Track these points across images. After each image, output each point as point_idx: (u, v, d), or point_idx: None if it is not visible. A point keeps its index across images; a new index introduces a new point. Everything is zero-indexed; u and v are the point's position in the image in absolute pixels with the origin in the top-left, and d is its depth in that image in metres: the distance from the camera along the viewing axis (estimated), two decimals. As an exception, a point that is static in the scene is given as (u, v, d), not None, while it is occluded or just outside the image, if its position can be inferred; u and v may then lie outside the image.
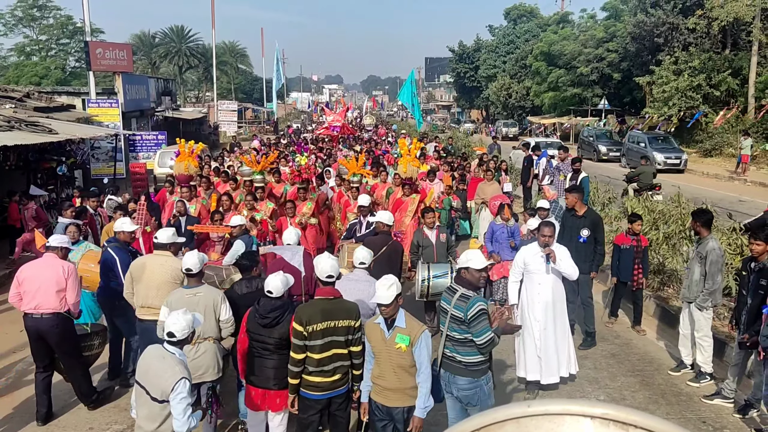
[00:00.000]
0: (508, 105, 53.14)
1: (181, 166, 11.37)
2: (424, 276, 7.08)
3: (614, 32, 39.14)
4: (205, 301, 5.16)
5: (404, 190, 10.91)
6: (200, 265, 5.31)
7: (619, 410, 1.24)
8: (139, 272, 5.96)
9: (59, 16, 54.30)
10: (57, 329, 5.90)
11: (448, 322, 4.73)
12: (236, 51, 79.48)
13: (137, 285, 5.95)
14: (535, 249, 6.27)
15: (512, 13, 61.22)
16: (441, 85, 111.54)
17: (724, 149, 27.92)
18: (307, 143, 23.74)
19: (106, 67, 22.15)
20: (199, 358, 5.13)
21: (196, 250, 5.96)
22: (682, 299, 7.02)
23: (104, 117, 20.53)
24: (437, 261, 7.73)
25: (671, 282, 8.95)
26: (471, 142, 28.02)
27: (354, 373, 4.77)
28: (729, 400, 6.16)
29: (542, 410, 1.29)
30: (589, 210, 8.09)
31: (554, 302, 6.30)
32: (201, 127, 38.33)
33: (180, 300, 5.09)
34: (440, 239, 8.05)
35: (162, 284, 5.82)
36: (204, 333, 5.13)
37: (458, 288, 4.76)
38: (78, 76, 52.45)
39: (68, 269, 5.98)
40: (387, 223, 7.39)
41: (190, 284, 5.30)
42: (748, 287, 6.01)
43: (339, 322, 4.58)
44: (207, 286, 5.36)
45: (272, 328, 4.80)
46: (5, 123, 13.29)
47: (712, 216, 7.17)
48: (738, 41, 31.39)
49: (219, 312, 5.21)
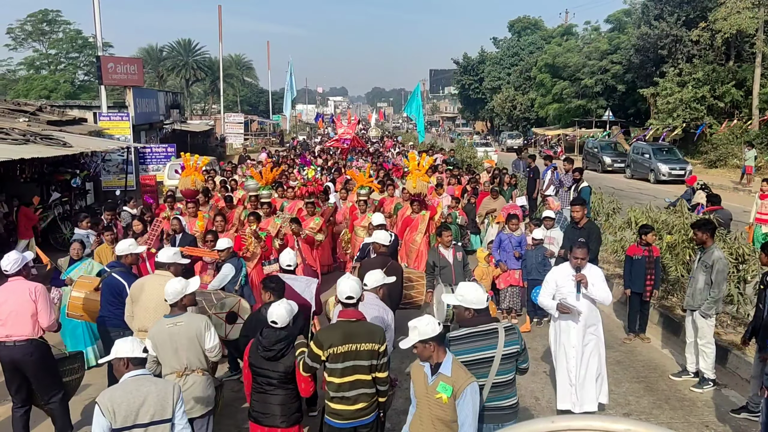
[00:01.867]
0: (513, 117, 53.46)
1: (187, 181, 11.01)
2: (450, 302, 6.60)
3: (618, 44, 39.44)
4: (188, 331, 4.79)
5: (413, 207, 10.66)
6: (177, 297, 4.88)
7: (642, 426, 1.25)
8: (138, 293, 5.65)
9: (69, 31, 55.06)
10: (32, 357, 5.42)
11: (497, 366, 4.18)
12: (242, 64, 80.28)
13: (135, 306, 5.63)
14: (566, 270, 5.95)
15: (516, 26, 61.70)
16: (446, 97, 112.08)
17: (729, 160, 28.06)
18: (315, 156, 23.89)
19: (118, 81, 22.52)
20: (186, 392, 4.71)
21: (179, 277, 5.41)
22: (686, 307, 7.13)
23: (115, 130, 20.85)
24: (456, 281, 7.20)
25: (675, 291, 9.11)
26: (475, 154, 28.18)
27: (380, 401, 4.49)
28: (755, 415, 6.04)
29: (565, 426, 1.29)
30: (588, 222, 8.30)
31: (589, 326, 5.94)
32: (208, 140, 38.70)
33: (160, 332, 4.80)
34: (458, 258, 7.70)
35: (159, 306, 5.40)
36: (190, 365, 4.82)
37: (490, 326, 4.24)
38: (87, 89, 53.09)
39: (35, 290, 5.51)
40: (383, 243, 6.88)
41: (172, 312, 4.88)
42: (765, 302, 6.05)
43: (361, 345, 4.29)
44: (189, 314, 4.96)
45: (277, 361, 4.53)
46: (21, 136, 13.58)
47: (716, 226, 7.36)
48: (742, 53, 31.63)
49: (203, 340, 4.83)
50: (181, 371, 4.78)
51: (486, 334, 4.19)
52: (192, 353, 4.80)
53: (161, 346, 4.78)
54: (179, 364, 4.79)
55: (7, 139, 13.04)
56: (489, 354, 4.15)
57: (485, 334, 4.19)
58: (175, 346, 4.77)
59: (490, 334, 4.19)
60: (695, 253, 8.50)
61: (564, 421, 1.29)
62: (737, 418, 6.16)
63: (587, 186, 12.36)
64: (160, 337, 4.76)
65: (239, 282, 7.21)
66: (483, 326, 4.22)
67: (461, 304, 4.30)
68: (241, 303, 6.18)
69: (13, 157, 11.25)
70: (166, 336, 4.77)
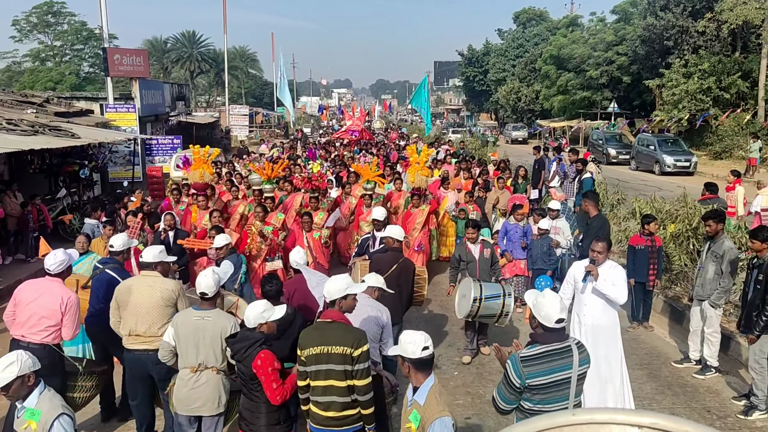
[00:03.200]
0: (518, 108, 53.36)
1: (195, 174, 10.85)
2: (476, 295, 6.47)
3: (624, 35, 39.31)
4: (213, 328, 4.67)
5: (412, 201, 10.50)
6: (215, 288, 4.80)
7: (670, 420, 1.19)
8: (125, 296, 5.32)
9: (74, 22, 55.20)
10: (41, 363, 5.07)
11: (575, 388, 3.83)
12: (247, 56, 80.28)
13: (123, 311, 5.32)
14: (584, 265, 5.74)
15: (521, 17, 61.50)
16: (450, 89, 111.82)
17: (734, 152, 28.03)
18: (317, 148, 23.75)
19: (124, 72, 22.64)
20: (199, 389, 4.68)
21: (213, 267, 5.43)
22: (695, 297, 7.20)
23: (121, 122, 21.01)
24: (480, 278, 7.19)
25: (679, 280, 9.19)
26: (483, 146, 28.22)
27: (363, 413, 4.14)
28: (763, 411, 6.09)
29: (587, 419, 1.24)
30: (597, 215, 8.35)
31: (601, 327, 5.60)
32: (213, 132, 38.81)
33: (186, 322, 4.70)
34: (484, 255, 7.57)
35: (151, 308, 5.23)
36: (207, 361, 4.68)
37: (564, 345, 3.83)
38: (92, 81, 53.26)
39: (68, 302, 5.28)
40: (397, 239, 6.65)
41: (202, 306, 4.80)
42: (750, 284, 6.25)
43: (332, 348, 4.04)
44: (218, 311, 4.85)
45: (240, 362, 4.38)
46: (30, 128, 13.73)
47: (725, 215, 7.45)
48: (748, 44, 31.50)
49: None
50: (195, 366, 4.68)
51: (561, 352, 3.81)
52: (211, 350, 4.67)
53: (184, 337, 4.68)
54: (197, 359, 4.68)
55: (16, 130, 13.18)
56: (566, 375, 3.78)
57: (560, 352, 3.81)
58: (197, 340, 4.66)
59: (565, 353, 3.82)
60: (699, 243, 8.61)
61: (586, 414, 1.24)
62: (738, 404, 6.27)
63: (590, 177, 12.43)
64: (184, 328, 4.67)
65: (238, 280, 6.93)
66: (557, 344, 3.82)
67: (532, 309, 3.94)
68: (239, 303, 5.91)
69: (23, 148, 11.38)
70: (191, 328, 4.66)
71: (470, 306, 6.46)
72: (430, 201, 10.89)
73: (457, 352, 7.69)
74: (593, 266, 5.59)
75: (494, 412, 6.16)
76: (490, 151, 24.73)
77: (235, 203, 10.59)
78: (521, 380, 3.71)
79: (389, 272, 6.13)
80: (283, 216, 9.79)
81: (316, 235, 8.86)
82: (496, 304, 6.53)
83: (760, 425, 5.90)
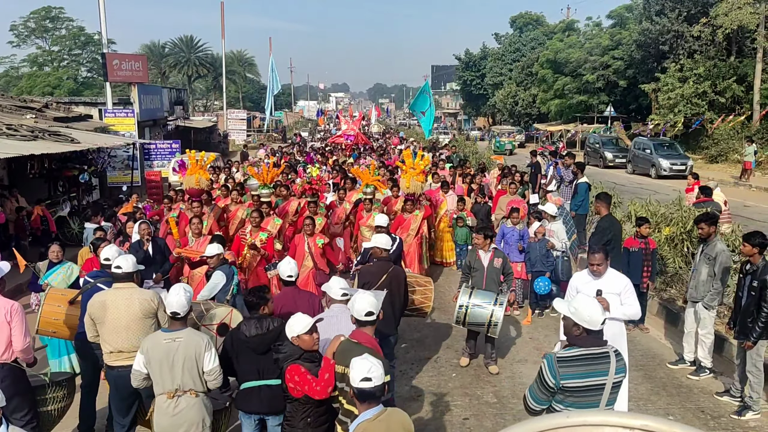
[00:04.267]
0: (515, 112, 53.55)
1: (191, 180, 10.62)
2: (463, 302, 6.48)
3: (620, 40, 39.52)
4: (186, 349, 4.42)
5: (406, 206, 10.34)
6: (188, 307, 4.57)
7: (660, 422, 1.21)
8: (100, 313, 5.00)
9: (71, 27, 55.31)
10: (2, 383, 4.71)
11: (608, 396, 3.78)
12: (244, 60, 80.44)
13: (101, 328, 5.02)
14: (585, 278, 5.53)
15: (518, 21, 61.73)
16: (447, 93, 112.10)
17: (730, 155, 28.19)
18: (316, 153, 23.79)
19: (123, 77, 22.70)
20: (180, 415, 4.43)
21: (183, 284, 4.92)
22: (689, 299, 7.31)
23: (120, 126, 21.06)
24: (486, 287, 7.04)
25: (674, 283, 9.30)
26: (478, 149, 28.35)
27: None
28: (735, 399, 6.38)
29: (581, 421, 1.26)
30: (606, 216, 8.39)
31: (609, 336, 5.51)
32: (211, 136, 38.89)
33: (157, 346, 4.44)
34: (493, 263, 7.22)
35: (132, 322, 4.97)
36: (184, 385, 4.44)
37: (602, 350, 3.81)
38: (90, 86, 53.33)
39: (11, 310, 4.93)
40: (384, 248, 6.37)
41: (172, 327, 4.53)
42: (744, 290, 6.32)
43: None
44: (190, 330, 4.56)
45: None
46: (29, 133, 13.80)
47: (718, 218, 7.58)
48: (743, 48, 31.73)
49: (202, 361, 4.45)
50: (172, 392, 4.43)
51: (598, 358, 3.77)
52: (187, 373, 4.43)
53: (155, 362, 4.44)
54: (173, 384, 4.45)
55: (16, 135, 13.25)
56: (601, 381, 3.74)
57: (597, 357, 3.77)
58: (171, 364, 4.42)
59: (602, 359, 3.77)
60: (693, 246, 8.73)
61: (579, 416, 1.26)
62: (732, 404, 6.38)
63: (584, 182, 12.55)
64: (155, 353, 4.42)
65: (231, 291, 6.67)
66: (595, 349, 3.78)
67: (571, 317, 3.87)
68: (233, 314, 5.67)
69: (23, 153, 11.46)
70: (162, 352, 4.41)
71: (455, 311, 6.42)
72: (425, 207, 10.75)
73: (455, 354, 7.77)
74: (603, 298, 5.24)
75: (492, 413, 6.27)
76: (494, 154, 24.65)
77: (233, 208, 10.40)
78: (555, 381, 3.69)
79: (379, 283, 5.93)
80: (281, 221, 9.68)
81: (319, 242, 8.67)
82: (484, 313, 6.40)
83: (753, 425, 6.01)
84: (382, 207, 10.62)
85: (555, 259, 9.18)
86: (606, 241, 8.26)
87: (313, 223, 8.74)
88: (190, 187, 10.61)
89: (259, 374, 4.62)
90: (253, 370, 4.64)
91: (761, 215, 16.31)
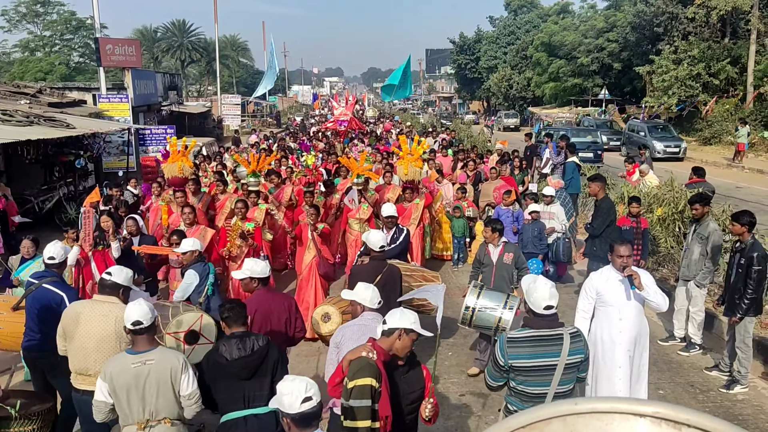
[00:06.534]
0: (510, 96, 53.53)
1: (173, 168, 10.01)
2: (470, 303, 5.82)
3: (614, 22, 39.49)
4: (159, 372, 3.81)
5: (406, 195, 9.90)
6: (152, 316, 3.89)
7: (671, 409, 1.20)
8: (72, 326, 4.40)
9: (63, 12, 54.81)
10: None
11: (560, 376, 3.78)
12: (237, 44, 79.97)
13: (70, 344, 4.43)
14: (608, 274, 5.13)
15: (513, 4, 61.52)
16: (442, 77, 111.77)
17: (723, 137, 28.35)
18: (311, 138, 23.47)
19: (116, 62, 22.62)
20: None
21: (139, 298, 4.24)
22: (681, 277, 7.47)
23: (115, 112, 21.02)
24: (494, 284, 6.54)
25: (665, 262, 9.45)
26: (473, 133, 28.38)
27: None
28: (724, 373, 6.60)
29: (590, 408, 1.24)
30: (604, 197, 8.41)
31: (639, 339, 5.06)
32: (205, 121, 38.78)
33: (124, 372, 3.78)
34: (503, 260, 6.72)
35: (102, 340, 4.35)
36: (157, 413, 3.84)
37: (555, 332, 3.82)
38: (82, 71, 52.99)
39: None
40: (376, 248, 5.94)
41: (139, 347, 3.86)
42: (733, 268, 6.47)
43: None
44: (161, 350, 3.94)
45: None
46: (25, 118, 13.81)
47: (711, 198, 7.72)
48: (737, 30, 31.76)
49: (179, 384, 3.85)
50: (143, 422, 3.81)
51: (548, 339, 3.81)
52: (162, 400, 3.83)
53: (122, 390, 3.79)
54: (145, 414, 3.83)
55: (11, 120, 13.27)
56: (552, 362, 3.77)
57: (548, 339, 3.81)
58: (142, 391, 3.79)
59: (555, 340, 3.81)
60: (685, 226, 8.87)
61: (588, 403, 1.24)
62: (721, 378, 6.55)
63: (572, 161, 12.66)
64: (121, 380, 3.77)
65: (205, 292, 5.99)
66: (546, 330, 3.83)
67: (525, 297, 3.98)
68: (203, 319, 5.09)
69: (20, 138, 11.48)
70: (130, 378, 3.77)
71: (461, 312, 5.91)
72: (425, 195, 10.29)
73: (450, 333, 7.89)
74: (633, 270, 4.91)
75: (488, 391, 6.42)
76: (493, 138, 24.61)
77: (222, 198, 9.87)
78: (504, 360, 3.81)
79: (373, 285, 5.48)
80: (265, 206, 9.31)
81: (320, 227, 8.15)
82: (492, 317, 5.77)
83: (740, 398, 6.18)
84: (375, 196, 10.02)
85: (556, 240, 9.28)
86: (609, 222, 8.31)
87: (317, 210, 8.25)
88: (172, 175, 10.00)
89: (245, 402, 3.98)
90: (236, 399, 3.98)
91: (754, 196, 16.50)
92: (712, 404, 6.09)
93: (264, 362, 4.01)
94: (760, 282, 6.18)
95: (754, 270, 6.12)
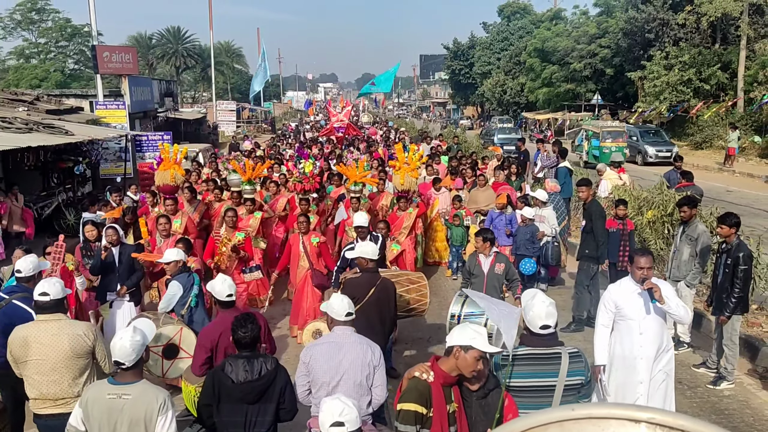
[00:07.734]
0: (503, 101, 53.87)
1: (165, 176, 9.92)
2: (455, 311, 5.39)
3: (606, 28, 39.87)
4: (133, 410, 3.50)
5: (400, 204, 9.82)
6: (136, 355, 3.57)
7: (667, 415, 1.20)
8: (22, 351, 4.18)
9: (58, 19, 54.80)
10: None
11: (559, 398, 3.61)
12: (232, 51, 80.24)
13: (24, 369, 4.22)
14: (627, 287, 4.93)
15: (506, 10, 61.89)
16: (436, 83, 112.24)
17: (714, 142, 28.69)
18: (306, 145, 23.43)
19: (113, 70, 22.78)
20: None
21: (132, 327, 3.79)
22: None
23: (111, 118, 21.17)
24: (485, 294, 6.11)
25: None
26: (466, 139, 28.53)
27: None
28: (712, 370, 6.83)
29: (586, 414, 1.25)
30: (592, 201, 8.65)
31: (661, 354, 4.86)
32: (200, 127, 38.93)
33: (98, 401, 3.54)
34: (494, 270, 6.62)
35: (59, 363, 4.14)
36: None
37: (552, 351, 3.68)
38: (77, 78, 53.02)
39: None
40: (370, 258, 5.75)
41: (121, 378, 3.59)
42: (720, 268, 6.70)
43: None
44: (143, 385, 3.61)
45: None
46: (24, 125, 13.95)
47: (699, 201, 7.95)
48: (727, 36, 32.15)
49: (153, 427, 3.53)
50: None
51: (545, 358, 3.66)
52: None
53: (95, 421, 3.54)
54: None
55: (10, 128, 13.41)
56: (550, 382, 3.61)
57: (546, 358, 3.65)
58: (113, 427, 3.53)
59: (552, 360, 3.65)
60: (673, 228, 9.09)
61: (585, 409, 1.25)
62: (708, 375, 6.76)
63: (564, 166, 12.89)
64: (95, 409, 3.53)
65: (188, 304, 5.82)
66: (544, 349, 3.67)
67: (523, 313, 3.81)
68: (182, 333, 4.90)
69: (20, 146, 11.62)
70: (103, 409, 3.52)
71: (447, 321, 5.47)
72: (418, 203, 10.16)
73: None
74: (652, 282, 4.67)
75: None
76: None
77: (217, 206, 9.76)
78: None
79: (366, 298, 5.46)
80: (260, 214, 9.27)
81: (314, 240, 8.02)
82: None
83: (727, 394, 6.40)
84: (368, 204, 9.92)
85: (545, 244, 9.47)
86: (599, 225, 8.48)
87: (307, 220, 8.11)
88: (164, 183, 9.93)
89: (246, 428, 3.82)
90: (237, 423, 3.81)
91: (744, 199, 16.78)
92: (700, 400, 6.30)
93: (271, 387, 3.83)
94: (746, 281, 6.41)
95: (741, 269, 6.34)
